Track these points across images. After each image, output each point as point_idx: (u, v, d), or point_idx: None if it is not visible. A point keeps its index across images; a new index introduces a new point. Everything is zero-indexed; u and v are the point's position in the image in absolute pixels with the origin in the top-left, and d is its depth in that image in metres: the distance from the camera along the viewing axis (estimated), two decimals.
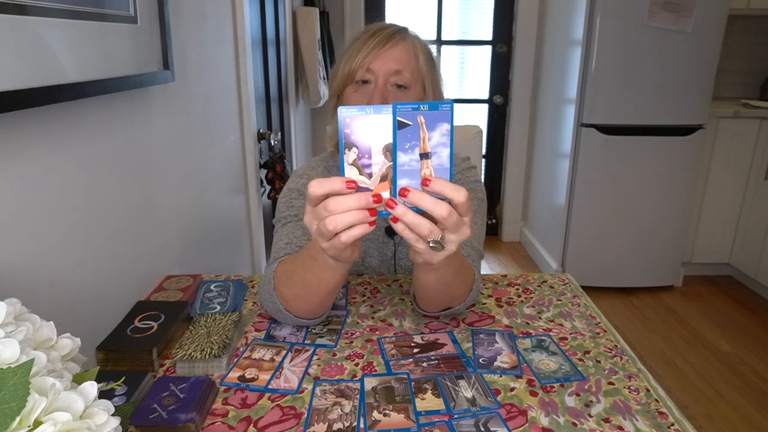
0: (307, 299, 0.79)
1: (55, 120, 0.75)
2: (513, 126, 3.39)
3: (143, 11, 0.95)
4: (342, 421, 0.65)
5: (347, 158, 0.59)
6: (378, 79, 0.93)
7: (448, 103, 0.58)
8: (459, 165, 1.09)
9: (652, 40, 2.48)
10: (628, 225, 2.74)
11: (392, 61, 0.92)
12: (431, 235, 0.60)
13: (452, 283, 0.80)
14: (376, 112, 0.58)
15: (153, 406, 0.63)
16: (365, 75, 0.93)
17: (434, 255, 0.62)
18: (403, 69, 0.93)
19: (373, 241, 1.09)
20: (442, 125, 0.58)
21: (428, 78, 0.97)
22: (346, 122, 0.58)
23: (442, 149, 0.58)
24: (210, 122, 1.41)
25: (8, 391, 0.40)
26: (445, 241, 0.61)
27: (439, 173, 0.59)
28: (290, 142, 2.53)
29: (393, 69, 0.92)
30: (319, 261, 0.71)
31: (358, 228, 0.60)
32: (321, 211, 0.60)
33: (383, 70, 0.92)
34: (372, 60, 0.92)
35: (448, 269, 0.74)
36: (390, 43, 0.92)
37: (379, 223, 1.07)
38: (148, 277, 1.03)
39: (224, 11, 1.52)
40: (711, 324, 2.54)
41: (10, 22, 0.63)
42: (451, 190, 0.58)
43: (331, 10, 3.08)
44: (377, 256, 1.09)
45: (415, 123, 0.58)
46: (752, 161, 2.77)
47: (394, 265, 1.10)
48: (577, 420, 0.66)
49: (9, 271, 0.66)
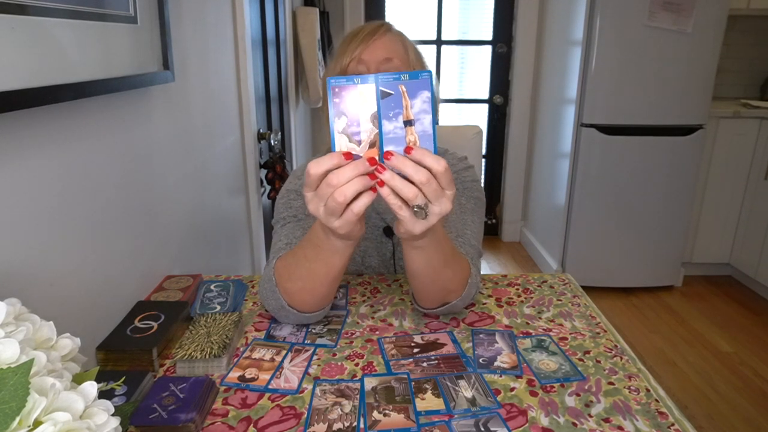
0: (314, 290, 0.80)
1: (56, 120, 0.75)
2: (513, 126, 3.39)
3: (143, 11, 0.95)
4: (342, 421, 0.65)
5: (337, 127, 0.62)
6: (370, 68, 0.95)
7: (427, 72, 0.61)
8: (456, 165, 1.09)
9: (652, 40, 2.48)
10: (628, 225, 2.74)
11: (381, 49, 0.95)
12: (416, 200, 0.62)
13: (442, 272, 0.80)
14: (363, 82, 0.61)
15: (153, 406, 0.63)
16: (357, 67, 0.95)
17: (416, 223, 0.64)
18: (392, 56, 0.95)
19: (372, 241, 1.10)
20: (423, 93, 0.61)
21: (417, 67, 1.00)
22: (335, 92, 0.61)
23: (424, 116, 0.62)
24: (210, 122, 1.41)
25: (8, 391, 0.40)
26: (428, 210, 0.64)
27: (423, 139, 0.62)
28: (290, 142, 2.53)
29: (383, 57, 0.94)
30: (324, 247, 0.73)
31: (366, 196, 0.63)
32: (325, 189, 0.62)
33: (374, 59, 0.94)
34: (362, 51, 0.94)
35: (436, 252, 0.75)
36: (377, 34, 0.96)
37: (377, 224, 1.08)
38: (148, 277, 1.03)
39: (224, 11, 1.52)
40: (711, 324, 2.54)
41: (11, 22, 0.63)
42: (431, 160, 0.61)
43: (331, 10, 3.08)
44: (376, 255, 1.10)
45: (397, 92, 0.61)
46: (752, 161, 2.77)
47: (393, 265, 1.10)
48: (577, 420, 0.66)
49: (9, 271, 0.66)
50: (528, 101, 3.33)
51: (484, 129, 3.45)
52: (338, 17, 3.14)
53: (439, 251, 0.76)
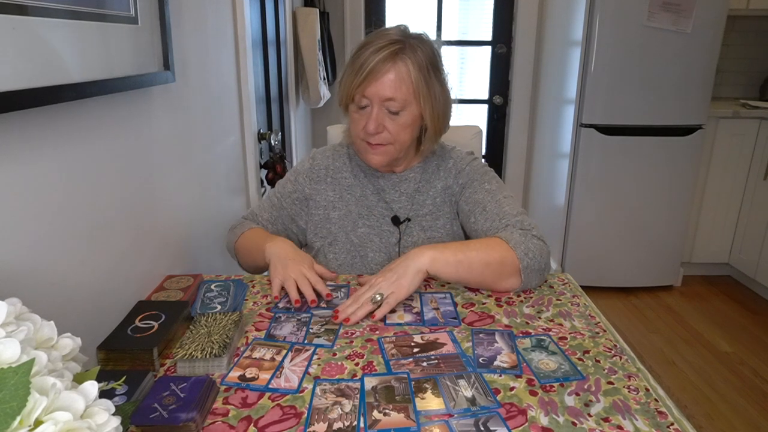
0: (253, 268, 1.20)
1: (56, 120, 0.75)
2: (513, 126, 3.39)
3: (144, 12, 0.95)
4: (342, 420, 0.65)
5: None
6: (373, 105, 1.04)
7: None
8: (465, 158, 1.17)
9: (652, 41, 2.48)
10: (628, 225, 2.74)
11: (385, 87, 1.02)
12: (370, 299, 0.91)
13: (482, 282, 0.99)
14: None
15: (153, 405, 0.64)
16: (362, 100, 1.04)
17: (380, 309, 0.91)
18: (394, 96, 1.02)
19: (375, 229, 1.16)
20: None
21: (423, 94, 1.04)
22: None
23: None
24: (210, 122, 1.41)
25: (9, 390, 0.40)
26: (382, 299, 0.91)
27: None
28: (290, 143, 2.53)
29: (386, 96, 1.02)
30: (261, 262, 1.09)
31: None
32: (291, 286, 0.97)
33: (377, 97, 1.02)
34: (366, 87, 1.02)
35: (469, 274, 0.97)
36: (384, 69, 1.01)
37: (383, 213, 1.16)
38: (149, 276, 1.03)
39: (225, 12, 1.53)
40: (710, 324, 2.54)
41: (11, 22, 0.64)
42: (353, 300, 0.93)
43: (331, 11, 3.08)
44: (378, 242, 1.15)
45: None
46: (751, 161, 2.77)
47: (398, 252, 1.15)
48: (577, 419, 0.66)
49: (9, 271, 0.66)
50: (527, 101, 3.33)
51: (484, 129, 3.44)
52: (338, 17, 3.14)
53: (470, 271, 0.97)
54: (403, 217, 1.15)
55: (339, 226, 1.16)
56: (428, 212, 1.16)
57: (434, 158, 1.18)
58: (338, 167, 1.19)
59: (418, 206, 1.16)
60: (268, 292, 1.01)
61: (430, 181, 1.17)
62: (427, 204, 1.16)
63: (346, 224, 1.16)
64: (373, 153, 1.08)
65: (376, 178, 1.17)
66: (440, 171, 1.17)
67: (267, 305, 0.96)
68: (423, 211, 1.16)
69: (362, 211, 1.16)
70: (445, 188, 1.16)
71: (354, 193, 1.17)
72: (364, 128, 1.04)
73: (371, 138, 1.05)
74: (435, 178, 1.17)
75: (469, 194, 1.13)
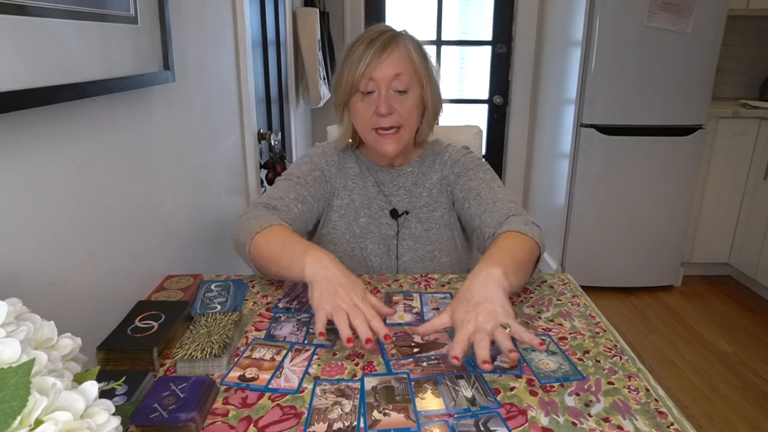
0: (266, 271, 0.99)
1: (56, 120, 0.75)
2: (513, 126, 3.39)
3: (144, 12, 0.95)
4: (342, 420, 0.65)
5: None
6: (381, 88, 1.03)
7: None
8: (460, 151, 1.20)
9: (652, 41, 2.48)
10: (628, 225, 2.74)
11: (391, 66, 1.03)
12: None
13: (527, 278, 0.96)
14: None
15: (153, 405, 0.63)
16: (368, 85, 1.03)
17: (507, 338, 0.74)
18: (401, 72, 1.03)
19: (374, 219, 1.17)
20: None
21: (424, 75, 1.08)
22: None
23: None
24: (210, 122, 1.41)
25: (9, 390, 0.40)
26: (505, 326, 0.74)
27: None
28: (290, 143, 2.53)
29: (393, 74, 1.03)
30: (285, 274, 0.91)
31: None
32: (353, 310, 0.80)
33: (384, 79, 1.03)
34: (373, 70, 1.02)
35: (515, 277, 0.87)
36: (386, 51, 1.03)
37: (382, 205, 1.18)
38: (149, 276, 1.03)
39: (224, 12, 1.52)
40: (710, 324, 2.54)
41: (11, 22, 0.64)
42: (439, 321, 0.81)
43: (331, 11, 3.08)
44: (377, 233, 1.17)
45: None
46: (751, 161, 2.77)
47: (396, 246, 1.16)
48: (577, 419, 0.66)
49: (9, 271, 0.66)
50: (528, 101, 3.33)
51: (484, 129, 3.44)
52: (338, 17, 3.14)
53: (519, 274, 0.89)
54: (401, 210, 1.17)
55: (340, 215, 1.18)
56: (425, 204, 1.18)
57: (431, 153, 1.21)
58: (344, 157, 1.21)
59: (416, 199, 1.18)
60: (268, 292, 1.01)
61: (427, 174, 1.19)
62: (424, 196, 1.18)
63: (348, 213, 1.18)
64: (386, 141, 1.07)
65: (375, 172, 1.19)
66: (436, 164, 1.20)
67: (267, 305, 0.96)
68: (420, 203, 1.18)
69: (364, 201, 1.18)
70: (441, 179, 1.18)
71: (357, 182, 1.19)
72: (375, 112, 1.04)
73: (383, 121, 1.04)
74: (431, 170, 1.19)
75: (463, 182, 1.14)
